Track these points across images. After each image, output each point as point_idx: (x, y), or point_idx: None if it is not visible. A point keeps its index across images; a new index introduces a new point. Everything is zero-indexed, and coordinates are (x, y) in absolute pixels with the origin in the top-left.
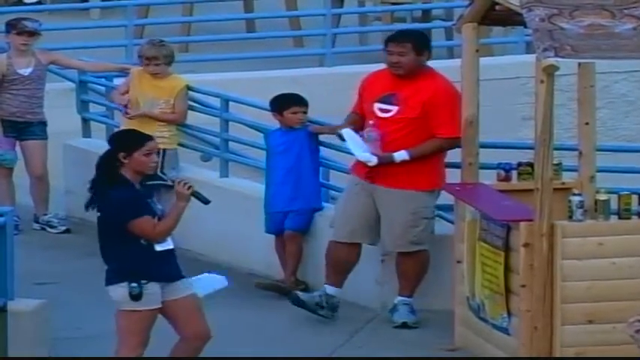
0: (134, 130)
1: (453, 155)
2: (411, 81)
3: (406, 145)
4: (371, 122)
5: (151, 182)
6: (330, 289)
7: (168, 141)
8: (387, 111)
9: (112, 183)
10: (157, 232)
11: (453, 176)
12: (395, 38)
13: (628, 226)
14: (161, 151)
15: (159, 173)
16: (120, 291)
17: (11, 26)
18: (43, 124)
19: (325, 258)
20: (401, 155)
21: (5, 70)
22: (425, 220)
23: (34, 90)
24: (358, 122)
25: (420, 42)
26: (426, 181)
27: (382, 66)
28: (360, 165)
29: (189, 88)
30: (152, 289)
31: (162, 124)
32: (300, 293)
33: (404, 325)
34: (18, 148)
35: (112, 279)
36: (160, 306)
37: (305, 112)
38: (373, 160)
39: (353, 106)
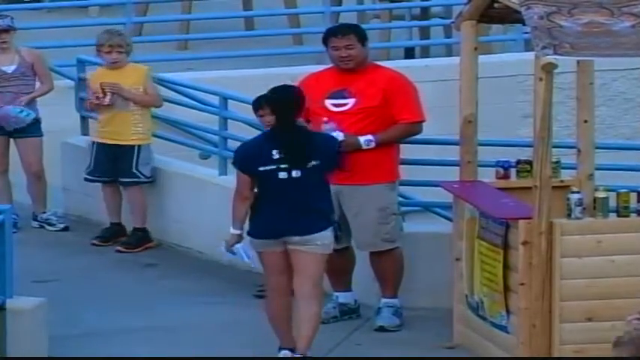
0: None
1: (452, 153)
2: (360, 74)
3: (367, 134)
4: (325, 119)
5: (127, 179)
6: (341, 297)
7: (143, 137)
8: (342, 105)
9: (310, 130)
10: None
11: (451, 174)
12: (336, 32)
13: (626, 224)
14: (136, 148)
15: (134, 170)
16: (329, 235)
17: None
18: (36, 121)
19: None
20: (367, 138)
21: None
22: (393, 216)
23: (21, 87)
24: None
25: (361, 32)
26: (387, 173)
27: (380, 63)
28: None
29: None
30: None
31: (137, 119)
32: None
33: (381, 329)
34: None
35: (322, 224)
36: None
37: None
38: (340, 135)
39: None
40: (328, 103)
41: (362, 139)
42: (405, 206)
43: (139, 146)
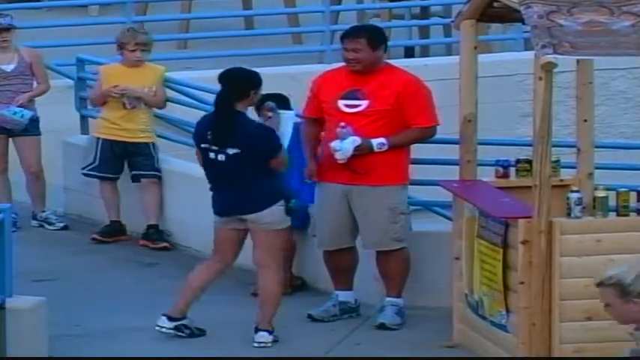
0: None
1: (452, 152)
2: (374, 76)
3: (379, 137)
4: (342, 123)
5: (151, 173)
6: (342, 296)
7: (152, 134)
8: (355, 106)
9: (245, 118)
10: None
11: (451, 173)
12: (349, 34)
13: (626, 223)
14: (151, 145)
15: (157, 166)
16: (277, 210)
17: None
18: (35, 120)
19: (325, 267)
20: (379, 142)
21: None
22: (402, 215)
23: (19, 85)
24: (318, 130)
25: (375, 37)
26: (398, 175)
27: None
28: (332, 170)
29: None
30: None
31: (147, 118)
32: (314, 313)
33: (382, 326)
34: (11, 142)
35: (265, 203)
36: None
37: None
38: (358, 140)
39: (306, 110)
40: (341, 103)
41: (375, 142)
42: None
43: (153, 143)
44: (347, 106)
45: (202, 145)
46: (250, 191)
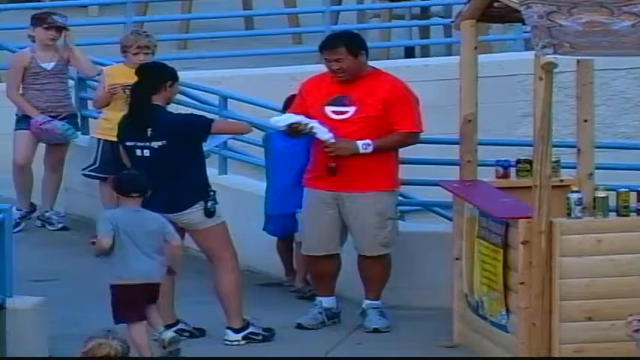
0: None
1: (452, 152)
2: (361, 81)
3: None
4: (327, 127)
5: None
6: (325, 302)
7: None
8: (343, 113)
9: (163, 110)
10: None
11: (451, 173)
12: (327, 45)
13: (626, 224)
14: None
15: None
16: (196, 211)
17: (39, 20)
18: (75, 116)
19: (309, 272)
20: (365, 142)
21: (28, 63)
22: (390, 220)
23: (58, 84)
24: None
25: (353, 44)
26: (386, 182)
27: (375, 64)
28: (322, 177)
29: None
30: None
31: None
32: (303, 322)
33: (375, 331)
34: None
35: (184, 203)
36: None
37: None
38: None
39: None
40: (328, 110)
41: (360, 142)
42: (405, 205)
43: None
44: (334, 112)
45: (127, 144)
46: (171, 190)
